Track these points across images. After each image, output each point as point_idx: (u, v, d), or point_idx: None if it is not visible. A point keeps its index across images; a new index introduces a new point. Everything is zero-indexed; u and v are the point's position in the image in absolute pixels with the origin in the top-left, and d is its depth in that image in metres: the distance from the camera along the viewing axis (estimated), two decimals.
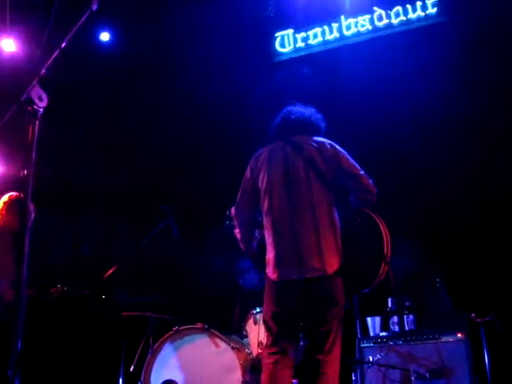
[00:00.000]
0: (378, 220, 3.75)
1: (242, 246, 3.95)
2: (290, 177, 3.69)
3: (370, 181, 3.71)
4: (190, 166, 6.87)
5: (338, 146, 3.76)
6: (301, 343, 4.13)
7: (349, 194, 3.75)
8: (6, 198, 5.19)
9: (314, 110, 4.03)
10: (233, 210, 3.93)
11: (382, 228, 3.72)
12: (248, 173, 3.87)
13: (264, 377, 3.56)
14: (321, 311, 3.56)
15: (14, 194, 5.19)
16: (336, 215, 3.65)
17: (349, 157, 3.73)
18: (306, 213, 3.59)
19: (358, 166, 3.71)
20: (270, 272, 3.63)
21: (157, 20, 7.02)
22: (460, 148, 5.87)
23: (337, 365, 3.56)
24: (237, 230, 3.92)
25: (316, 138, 3.82)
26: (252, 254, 3.96)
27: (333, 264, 3.51)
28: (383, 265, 3.64)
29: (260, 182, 3.77)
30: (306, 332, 3.76)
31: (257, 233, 3.96)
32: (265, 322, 3.71)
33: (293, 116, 3.96)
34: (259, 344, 4.95)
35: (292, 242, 3.57)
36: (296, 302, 3.58)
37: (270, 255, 3.65)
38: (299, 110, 4.00)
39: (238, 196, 3.88)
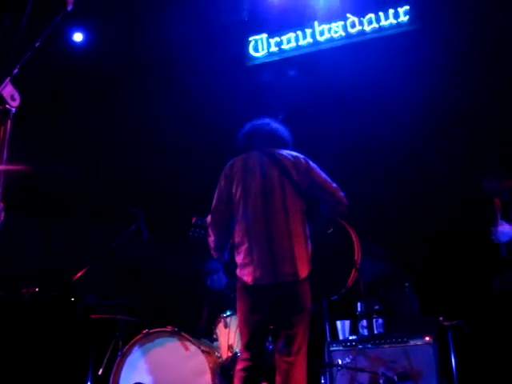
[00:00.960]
0: (349, 229, 3.95)
1: (214, 254, 3.98)
2: (266, 185, 3.77)
3: (342, 193, 3.83)
4: (161, 168, 6.85)
5: (310, 161, 3.89)
6: (270, 347, 4.18)
7: (320, 205, 3.87)
8: None
9: (281, 125, 4.13)
10: (208, 218, 3.96)
11: (353, 236, 3.92)
12: (222, 181, 3.90)
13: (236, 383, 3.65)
14: (289, 315, 3.65)
15: None
16: (307, 224, 3.78)
17: (321, 171, 3.87)
18: (280, 220, 3.69)
19: (329, 179, 3.85)
20: (245, 276, 3.69)
21: (130, 23, 6.98)
22: (432, 150, 5.96)
23: (304, 367, 3.64)
24: (211, 239, 3.94)
25: (290, 152, 3.94)
26: (223, 262, 4.05)
27: (304, 270, 3.62)
28: (353, 271, 3.82)
29: (234, 190, 3.82)
30: (273, 336, 3.83)
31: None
32: (240, 325, 3.78)
33: (264, 129, 4.06)
34: (229, 347, 4.96)
35: (266, 247, 3.65)
36: (268, 305, 3.65)
37: (245, 260, 3.70)
38: (269, 123, 4.10)
39: (213, 205, 3.91)
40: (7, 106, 2.23)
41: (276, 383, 3.60)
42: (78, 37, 7.17)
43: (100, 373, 5.14)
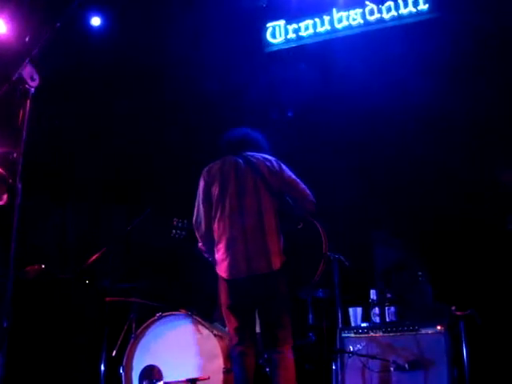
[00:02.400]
0: (317, 224, 4.26)
1: (208, 257, 4.31)
2: (241, 186, 4.11)
3: (309, 192, 4.17)
4: (179, 154, 6.87)
5: (282, 164, 4.22)
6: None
7: (292, 204, 4.21)
8: None
9: (258, 132, 4.49)
10: (193, 221, 4.27)
11: (320, 230, 4.24)
12: (202, 185, 4.23)
13: (237, 370, 4.01)
14: (268, 304, 4.01)
15: None
16: (279, 221, 4.09)
17: (291, 173, 4.21)
18: (255, 218, 4.02)
19: (298, 180, 4.19)
20: (222, 271, 4.03)
21: (148, 10, 6.99)
22: (448, 142, 5.93)
23: (291, 355, 3.94)
24: (200, 244, 4.30)
25: (264, 155, 4.27)
26: (215, 263, 4.21)
27: (277, 262, 3.94)
28: (322, 262, 4.14)
29: (213, 193, 4.15)
30: (260, 319, 4.17)
31: None
32: (225, 316, 4.14)
33: (240, 134, 4.42)
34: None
35: (242, 244, 3.97)
36: (246, 296, 4.01)
37: (222, 256, 4.03)
38: (245, 130, 4.46)
39: (195, 210, 4.26)
40: (27, 86, 2.26)
41: (271, 375, 3.93)
42: (95, 21, 7.19)
43: (114, 354, 5.20)
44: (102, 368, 5.20)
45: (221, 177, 4.17)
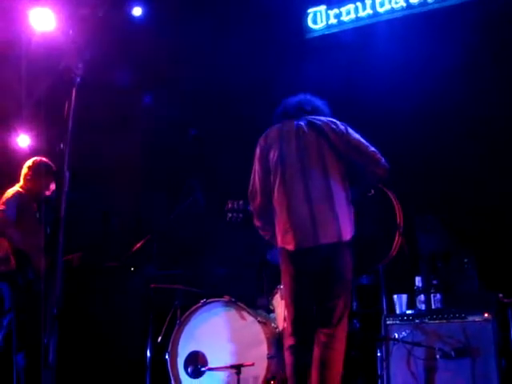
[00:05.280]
0: (388, 192, 3.84)
1: (264, 235, 3.94)
2: (303, 150, 3.73)
3: (380, 156, 3.75)
4: (217, 140, 6.88)
5: (349, 126, 3.83)
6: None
7: (361, 173, 3.79)
8: (29, 162, 5.18)
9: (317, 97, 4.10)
10: (248, 193, 3.92)
11: (393, 199, 3.80)
12: (258, 153, 3.88)
13: (288, 365, 3.61)
14: (329, 284, 3.60)
15: (37, 158, 5.19)
16: (348, 187, 3.71)
17: (359, 136, 3.80)
18: (320, 183, 3.64)
19: (367, 143, 3.78)
20: (286, 243, 3.63)
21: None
22: (497, 118, 5.78)
23: (344, 339, 3.60)
24: (255, 219, 3.93)
25: (328, 118, 3.90)
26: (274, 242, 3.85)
27: (347, 232, 3.57)
28: (397, 236, 3.66)
29: (271, 159, 3.78)
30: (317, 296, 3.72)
31: None
32: (286, 302, 3.73)
33: (301, 99, 4.04)
34: (285, 318, 4.99)
35: (307, 210, 3.59)
36: (311, 270, 3.60)
37: (285, 226, 3.64)
38: (303, 95, 4.07)
39: (251, 182, 3.90)
40: (73, 75, 2.29)
41: (314, 356, 3.54)
42: (137, 11, 7.23)
43: (159, 341, 5.27)
44: (148, 354, 5.29)
45: (280, 141, 3.79)
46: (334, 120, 3.85)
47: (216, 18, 7.00)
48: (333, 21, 7.03)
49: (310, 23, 7.13)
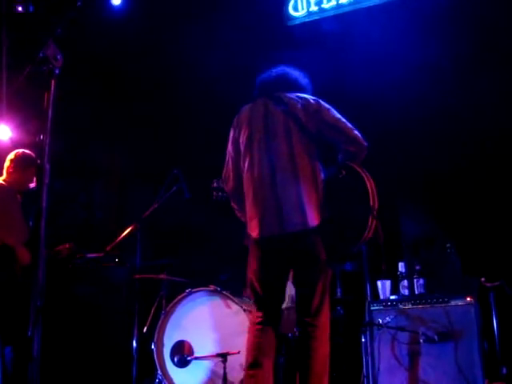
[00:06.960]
0: (362, 172, 3.58)
1: (240, 216, 3.85)
2: (270, 131, 3.59)
3: (357, 133, 3.57)
4: (199, 128, 6.86)
5: (322, 101, 3.65)
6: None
7: (336, 151, 3.63)
8: (11, 155, 5.12)
9: (298, 70, 3.93)
10: (222, 176, 3.84)
11: (366, 180, 3.53)
12: (231, 135, 3.78)
13: (248, 342, 3.56)
14: (303, 271, 3.51)
15: (19, 151, 5.14)
16: (318, 169, 3.54)
17: (334, 111, 3.62)
18: (287, 167, 3.50)
19: (343, 119, 3.60)
20: (251, 230, 3.55)
21: None
22: (489, 107, 5.78)
23: (327, 327, 3.51)
24: (232, 202, 3.86)
25: (299, 94, 3.72)
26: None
27: (314, 218, 3.43)
28: (371, 218, 3.47)
29: (241, 140, 3.68)
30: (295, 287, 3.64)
31: None
32: (250, 285, 3.61)
33: (275, 73, 3.89)
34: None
35: (273, 197, 3.47)
36: (278, 259, 3.52)
37: (250, 213, 3.57)
38: (281, 69, 3.92)
39: (225, 164, 3.80)
40: (51, 65, 2.27)
41: (299, 345, 3.48)
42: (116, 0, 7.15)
43: (145, 331, 5.28)
44: (134, 344, 5.29)
45: (249, 122, 3.67)
46: (306, 96, 3.69)
47: (196, 5, 6.95)
48: (314, 8, 7.00)
49: (291, 10, 7.09)
